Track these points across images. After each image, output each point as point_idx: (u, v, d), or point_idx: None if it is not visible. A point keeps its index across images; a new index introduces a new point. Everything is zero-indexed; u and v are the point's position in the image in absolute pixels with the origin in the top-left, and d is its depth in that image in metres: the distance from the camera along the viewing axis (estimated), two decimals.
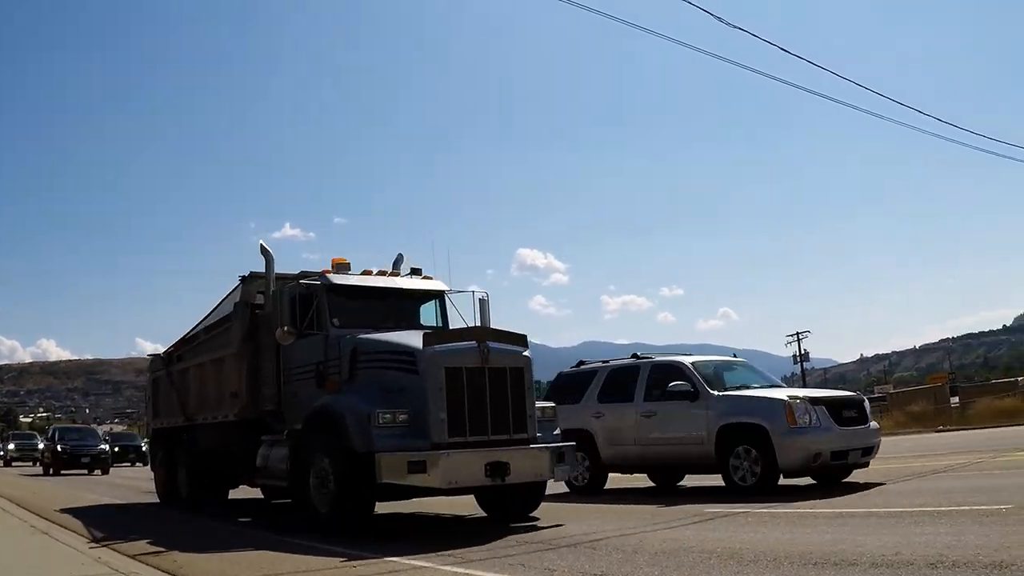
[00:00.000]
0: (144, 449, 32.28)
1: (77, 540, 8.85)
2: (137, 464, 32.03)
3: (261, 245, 10.45)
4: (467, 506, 10.04)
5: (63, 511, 12.43)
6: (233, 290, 11.39)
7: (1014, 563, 4.69)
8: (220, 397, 11.50)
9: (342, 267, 10.05)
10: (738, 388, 10.84)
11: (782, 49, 14.39)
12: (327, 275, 9.76)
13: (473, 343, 8.43)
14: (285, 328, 9.24)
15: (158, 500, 14.05)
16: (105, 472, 26.31)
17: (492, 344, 8.52)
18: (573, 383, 12.50)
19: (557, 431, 9.38)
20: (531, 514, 9.41)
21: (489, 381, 8.41)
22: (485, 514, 9.75)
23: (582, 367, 12.81)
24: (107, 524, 10.52)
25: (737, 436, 10.09)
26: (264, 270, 10.40)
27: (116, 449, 31.30)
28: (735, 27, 13.36)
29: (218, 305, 12.10)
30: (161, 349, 14.67)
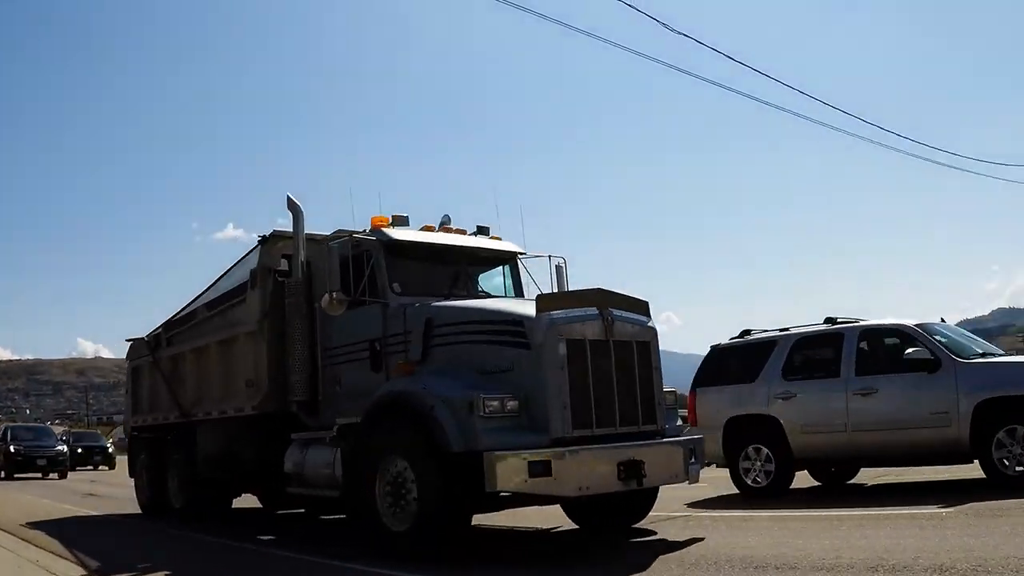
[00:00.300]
0: (111, 451, 29.34)
1: (64, 567, 6.77)
2: (101, 468, 28.75)
3: (288, 198, 8.42)
4: (525, 516, 8.17)
5: (30, 525, 10.18)
6: (248, 254, 9.29)
7: (953, 567, 4.71)
8: (230, 387, 9.38)
9: (400, 221, 8.05)
10: (984, 355, 8.78)
11: (713, 49, 13.78)
12: (384, 230, 7.75)
13: (594, 310, 6.57)
14: (334, 294, 7.20)
15: (140, 511, 11.80)
16: (63, 476, 23.53)
17: (615, 311, 6.69)
18: (740, 358, 10.10)
19: (680, 421, 7.57)
20: (636, 525, 7.62)
21: (614, 358, 6.59)
22: (576, 526, 7.92)
23: (749, 338, 10.34)
24: (94, 544, 8.37)
25: (1003, 414, 7.95)
26: (292, 228, 8.37)
27: (79, 451, 28.13)
28: (681, 33, 13.06)
29: (224, 274, 9.94)
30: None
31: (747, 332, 10.45)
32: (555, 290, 8.62)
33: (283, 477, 8.44)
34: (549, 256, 8.72)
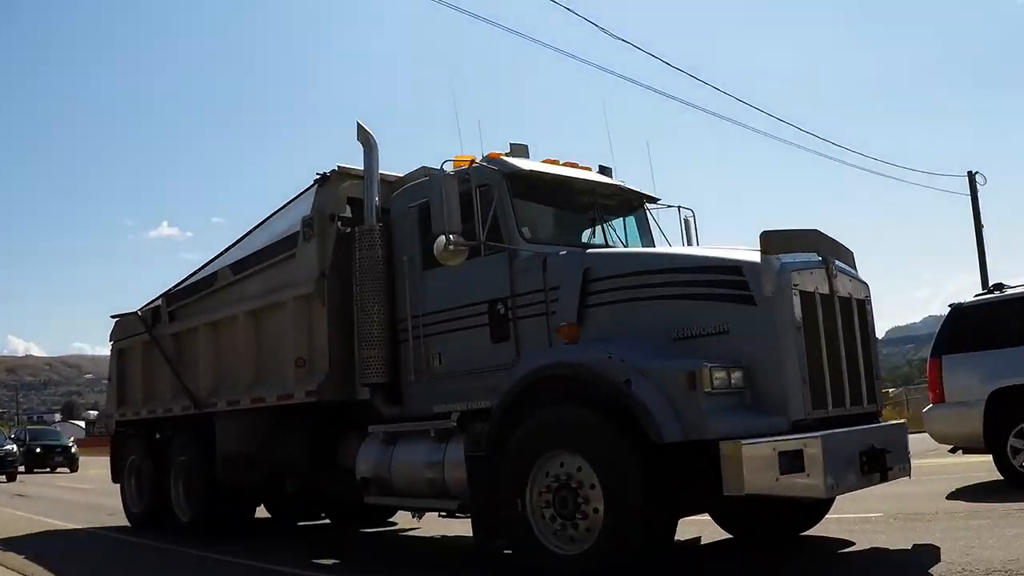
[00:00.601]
0: (74, 450, 25.99)
1: None
2: (60, 470, 25.31)
3: (359, 126, 6.61)
4: None
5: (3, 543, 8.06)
6: (296, 198, 7.39)
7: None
8: (270, 368, 7.46)
9: (519, 151, 6.28)
10: None
11: (647, 52, 13.20)
12: (505, 160, 5.97)
13: (815, 256, 5.00)
14: (452, 238, 5.38)
15: (128, 523, 9.72)
16: (11, 479, 20.74)
17: (836, 260, 5.15)
18: (1000, 317, 8.27)
19: None
20: (804, 533, 6.08)
21: (840, 318, 5.05)
22: (728, 535, 6.32)
23: (1006, 294, 8.45)
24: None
25: None
26: (363, 164, 6.56)
27: (38, 450, 24.81)
28: (618, 38, 12.23)
29: (255, 228, 8.01)
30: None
31: (999, 286, 8.69)
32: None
33: (343, 482, 6.68)
34: (679, 207, 7.04)
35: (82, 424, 58.41)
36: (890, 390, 40.16)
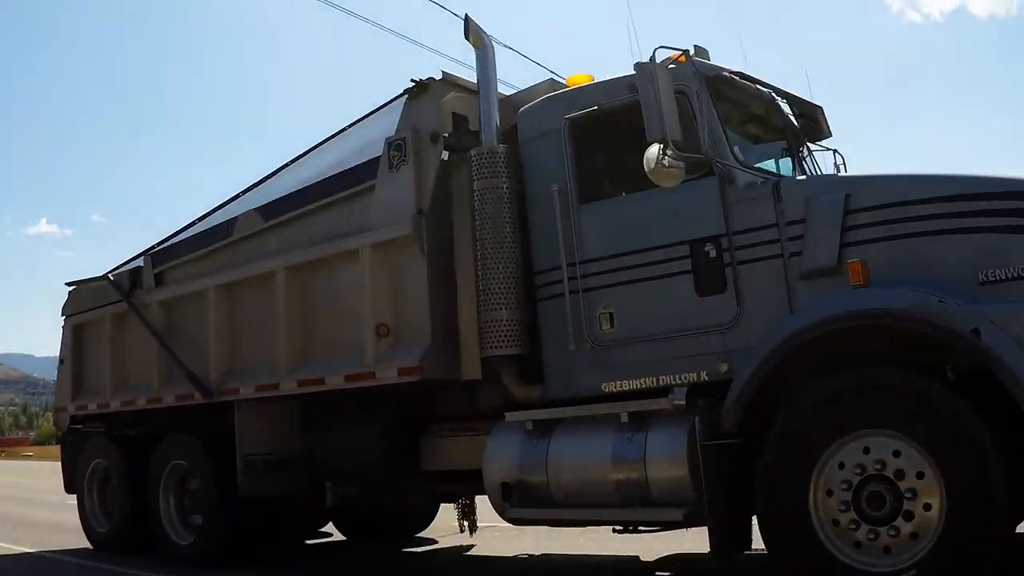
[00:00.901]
0: None
1: None
2: None
3: (467, 20, 5.10)
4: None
5: None
6: (371, 114, 5.77)
7: None
8: (329, 339, 5.73)
9: (702, 54, 4.90)
10: None
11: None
12: (703, 61, 4.59)
13: None
14: (669, 152, 3.91)
15: (90, 545, 7.71)
16: None
17: None
18: None
19: None
20: None
21: None
22: None
23: None
24: None
25: None
26: (477, 70, 5.08)
27: None
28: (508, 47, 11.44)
29: (301, 156, 6.28)
30: None
31: None
32: None
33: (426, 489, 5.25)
34: (835, 151, 5.85)
35: None
36: None
